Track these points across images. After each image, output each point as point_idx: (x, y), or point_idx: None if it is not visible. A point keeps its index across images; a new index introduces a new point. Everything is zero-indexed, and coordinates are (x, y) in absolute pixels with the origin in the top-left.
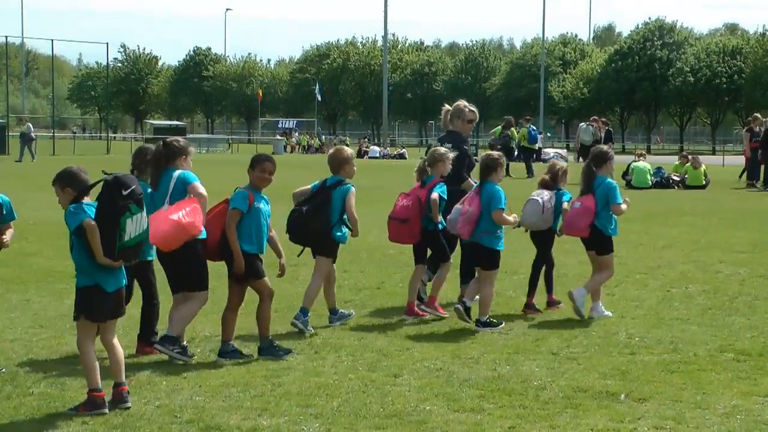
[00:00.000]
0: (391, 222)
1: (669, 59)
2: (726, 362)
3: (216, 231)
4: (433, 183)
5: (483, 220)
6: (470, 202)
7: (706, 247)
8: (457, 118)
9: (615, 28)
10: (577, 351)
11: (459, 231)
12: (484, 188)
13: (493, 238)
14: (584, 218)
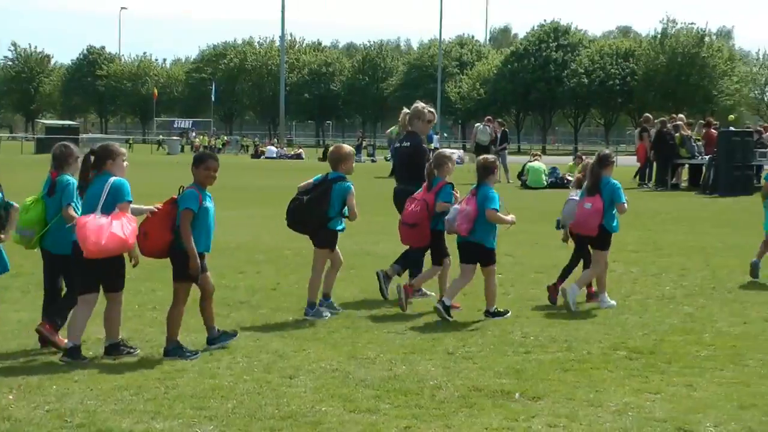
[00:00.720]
0: (402, 226)
1: (564, 61)
2: (618, 360)
3: (163, 231)
4: (440, 185)
5: (479, 219)
6: (468, 202)
7: None
8: (417, 119)
9: (511, 29)
10: (473, 350)
11: (457, 228)
12: (480, 190)
13: (486, 237)
14: (595, 219)
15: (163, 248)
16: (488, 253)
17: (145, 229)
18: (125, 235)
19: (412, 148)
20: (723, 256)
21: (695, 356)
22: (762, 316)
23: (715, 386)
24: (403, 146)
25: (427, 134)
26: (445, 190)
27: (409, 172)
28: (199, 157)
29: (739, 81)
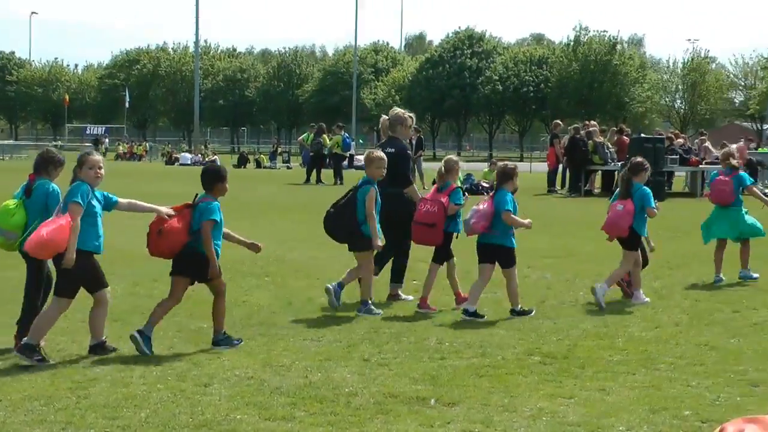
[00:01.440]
0: (417, 226)
1: (478, 68)
2: (533, 365)
3: (181, 234)
4: (450, 188)
5: (497, 220)
6: (485, 202)
7: (519, 252)
8: (399, 125)
9: (426, 36)
10: (389, 357)
11: (473, 227)
12: (497, 194)
13: (505, 237)
14: (626, 220)
15: (176, 249)
16: (508, 253)
17: (161, 228)
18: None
19: (396, 153)
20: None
21: (608, 361)
22: (673, 320)
23: (628, 390)
24: (386, 151)
25: (408, 139)
26: (456, 193)
27: (392, 175)
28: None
29: (651, 88)
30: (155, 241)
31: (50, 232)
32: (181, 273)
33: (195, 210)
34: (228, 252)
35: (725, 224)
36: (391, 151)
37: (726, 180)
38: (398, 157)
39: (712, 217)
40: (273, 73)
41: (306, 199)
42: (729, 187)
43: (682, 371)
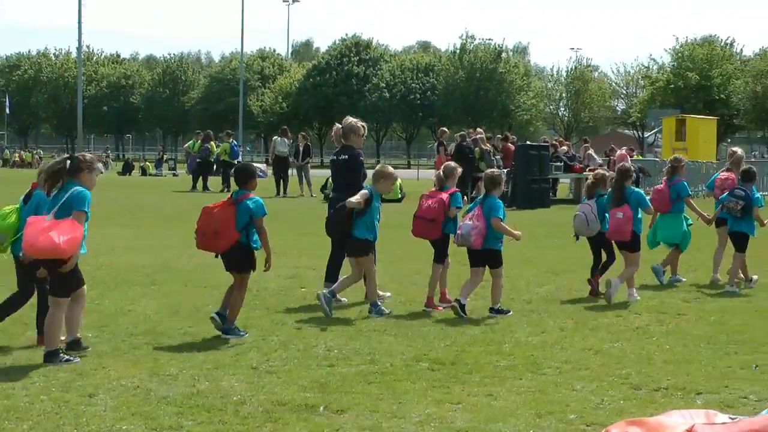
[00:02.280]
0: (418, 220)
1: (365, 75)
2: (421, 371)
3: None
4: (450, 191)
5: (490, 229)
6: (478, 218)
7: (402, 258)
8: (352, 134)
9: (313, 44)
10: (277, 364)
11: (473, 244)
12: (486, 200)
13: (494, 242)
14: (628, 225)
15: (231, 245)
16: (496, 255)
17: (215, 228)
18: (59, 241)
19: (350, 160)
20: (521, 268)
21: (495, 366)
22: (558, 325)
23: (514, 395)
24: (340, 159)
25: (361, 147)
26: (456, 197)
27: (341, 182)
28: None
29: (535, 96)
30: (213, 241)
31: (67, 242)
32: (229, 268)
33: (239, 206)
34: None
35: (663, 229)
36: (345, 158)
37: (663, 188)
38: (350, 163)
39: (657, 223)
40: (158, 79)
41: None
42: (666, 195)
43: (567, 375)
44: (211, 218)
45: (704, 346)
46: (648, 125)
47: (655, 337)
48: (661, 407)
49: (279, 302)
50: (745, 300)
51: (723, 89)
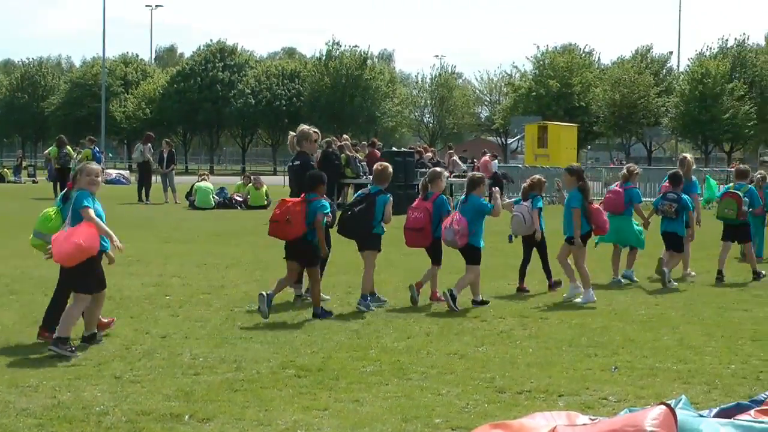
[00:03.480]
0: (408, 231)
1: (231, 81)
2: (287, 378)
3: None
4: (435, 196)
5: (471, 225)
6: (458, 223)
7: (268, 265)
8: (305, 140)
9: (177, 49)
10: (141, 374)
11: (459, 243)
12: (470, 200)
13: (477, 239)
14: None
15: (296, 236)
16: (475, 252)
17: (290, 217)
18: (80, 242)
19: (302, 165)
20: (386, 273)
21: (362, 372)
22: (424, 330)
23: (381, 400)
24: (294, 165)
25: (314, 153)
26: (443, 201)
27: (300, 187)
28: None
29: (401, 103)
30: (283, 227)
31: (87, 241)
32: (294, 258)
33: (309, 206)
34: None
35: (613, 230)
36: (298, 164)
37: (619, 191)
38: (304, 169)
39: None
40: (16, 84)
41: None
42: (620, 198)
43: (433, 380)
44: (287, 209)
45: (566, 349)
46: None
47: (518, 341)
48: (525, 410)
49: (143, 310)
50: (605, 303)
51: (583, 97)
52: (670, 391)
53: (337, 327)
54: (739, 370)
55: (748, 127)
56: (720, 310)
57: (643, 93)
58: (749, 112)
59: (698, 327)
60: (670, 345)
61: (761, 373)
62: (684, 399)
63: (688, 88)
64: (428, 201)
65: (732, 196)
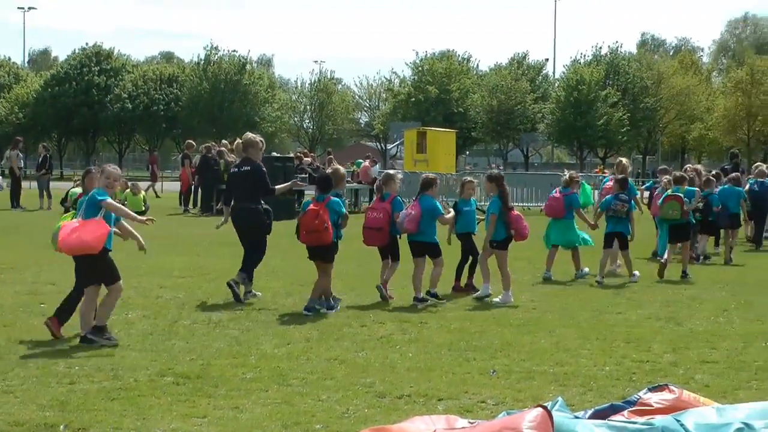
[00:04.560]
0: (367, 230)
1: (107, 85)
2: (166, 386)
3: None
4: (391, 197)
5: (423, 222)
6: (413, 208)
7: (147, 272)
8: (251, 147)
9: (51, 52)
10: (14, 384)
11: (406, 227)
12: (423, 200)
13: (431, 235)
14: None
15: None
16: (434, 248)
17: (327, 225)
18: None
19: (252, 170)
20: (266, 279)
21: (241, 378)
22: (304, 336)
23: (261, 407)
24: (242, 170)
25: (259, 159)
26: (398, 202)
27: (245, 192)
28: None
29: (280, 108)
30: (321, 235)
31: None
32: (316, 258)
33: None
34: None
35: (557, 233)
36: (247, 170)
37: (559, 197)
38: (254, 174)
39: (548, 227)
40: None
41: None
42: (561, 204)
43: (313, 386)
44: (322, 218)
45: (445, 353)
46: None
47: (398, 346)
48: (405, 414)
49: (17, 319)
50: (484, 307)
51: (461, 103)
52: (547, 393)
53: (217, 334)
54: (613, 371)
55: (621, 133)
56: (595, 313)
57: (520, 99)
58: (622, 118)
59: (574, 330)
60: (547, 348)
61: (634, 375)
62: (560, 401)
63: (564, 94)
64: (386, 201)
65: (674, 198)
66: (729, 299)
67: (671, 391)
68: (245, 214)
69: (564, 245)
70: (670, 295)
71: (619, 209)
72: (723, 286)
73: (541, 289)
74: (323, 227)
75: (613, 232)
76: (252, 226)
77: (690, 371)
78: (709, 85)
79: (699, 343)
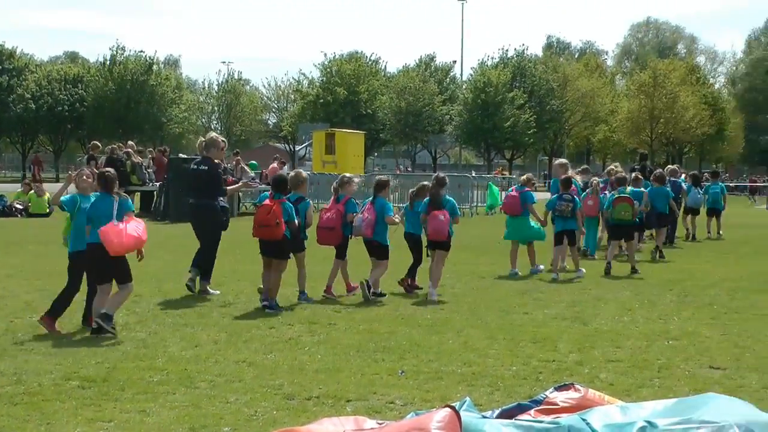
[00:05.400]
0: (321, 230)
1: (9, 85)
2: (71, 390)
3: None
4: (345, 199)
5: (378, 224)
6: (368, 212)
7: (51, 274)
8: (213, 147)
9: None
10: None
11: (364, 233)
12: (377, 201)
13: (383, 237)
14: (446, 227)
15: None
16: (384, 250)
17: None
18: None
19: (209, 170)
20: (174, 282)
21: (148, 381)
22: (212, 338)
23: (168, 410)
24: (200, 168)
25: (221, 159)
26: (351, 204)
27: (199, 189)
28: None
29: (187, 109)
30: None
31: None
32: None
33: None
34: None
35: (514, 230)
36: (204, 169)
37: (516, 195)
38: (210, 173)
39: (507, 224)
40: None
41: None
42: (518, 200)
43: (221, 389)
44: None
45: (354, 354)
46: (299, 139)
47: (307, 347)
48: (313, 416)
49: None
50: (392, 308)
51: (370, 104)
52: (455, 393)
53: (123, 336)
54: (520, 371)
55: (528, 134)
56: (502, 313)
57: (428, 101)
58: (529, 120)
59: (481, 330)
60: (455, 348)
61: (540, 374)
62: (468, 401)
63: (471, 96)
64: (340, 203)
65: (626, 199)
66: (633, 299)
67: (577, 390)
68: (202, 210)
69: (522, 241)
70: (576, 295)
71: (564, 209)
72: (627, 286)
73: (451, 289)
74: (274, 222)
75: (562, 230)
76: (209, 221)
77: (595, 370)
78: (613, 87)
79: (604, 342)
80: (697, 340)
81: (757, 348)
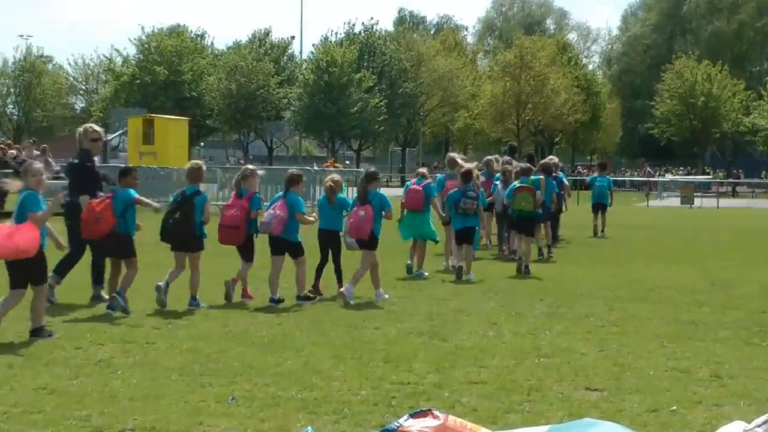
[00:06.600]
0: (223, 228)
1: None
2: None
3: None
4: (249, 194)
5: (290, 221)
6: (280, 208)
7: None
8: (85, 139)
9: None
10: None
11: (273, 230)
12: (288, 197)
13: (294, 234)
14: (368, 224)
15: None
16: (297, 247)
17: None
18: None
19: (78, 163)
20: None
21: None
22: (6, 362)
23: None
24: (73, 162)
25: (96, 151)
26: (256, 199)
27: (72, 184)
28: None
29: None
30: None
31: (27, 243)
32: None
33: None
34: None
35: (413, 226)
36: (76, 162)
37: (419, 189)
38: (80, 166)
39: (405, 220)
40: None
41: None
42: (422, 195)
43: (16, 421)
44: (92, 210)
45: (176, 379)
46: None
47: (120, 371)
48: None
49: None
50: (221, 325)
51: (195, 86)
52: (295, 422)
53: None
54: (371, 395)
55: (378, 122)
56: (349, 329)
57: (263, 83)
58: (379, 105)
59: (326, 349)
60: (294, 370)
61: (394, 399)
62: (309, 431)
63: (313, 77)
64: (243, 199)
65: (527, 189)
66: (499, 311)
67: (435, 417)
68: (72, 207)
69: (420, 238)
70: (433, 306)
71: (469, 207)
72: (492, 296)
73: (292, 300)
74: (93, 218)
75: (464, 228)
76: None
77: (456, 393)
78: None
79: (466, 361)
80: (571, 358)
81: (639, 366)
